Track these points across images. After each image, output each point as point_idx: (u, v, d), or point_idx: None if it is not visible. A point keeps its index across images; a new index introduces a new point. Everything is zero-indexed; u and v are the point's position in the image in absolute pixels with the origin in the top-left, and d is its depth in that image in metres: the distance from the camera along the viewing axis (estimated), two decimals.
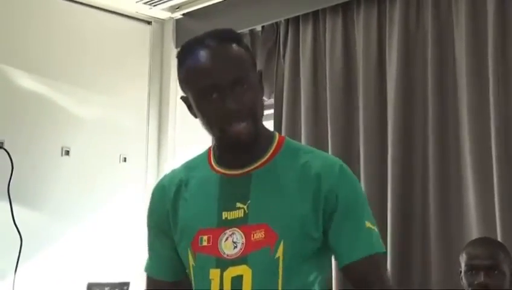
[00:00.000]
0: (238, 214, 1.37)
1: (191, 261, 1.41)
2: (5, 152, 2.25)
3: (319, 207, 1.36)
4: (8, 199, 2.28)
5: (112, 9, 3.91)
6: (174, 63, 4.06)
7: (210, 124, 1.39)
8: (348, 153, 3.26)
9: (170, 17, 4.07)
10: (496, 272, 2.29)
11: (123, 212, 3.79)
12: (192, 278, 1.42)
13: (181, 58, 1.41)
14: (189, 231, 1.41)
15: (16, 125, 3.38)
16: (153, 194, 1.53)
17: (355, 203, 1.40)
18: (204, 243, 1.38)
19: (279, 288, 1.33)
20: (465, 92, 2.91)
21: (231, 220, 1.37)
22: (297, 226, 1.34)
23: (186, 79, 1.40)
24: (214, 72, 1.35)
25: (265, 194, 1.38)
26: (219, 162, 1.45)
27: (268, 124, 3.50)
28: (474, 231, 2.83)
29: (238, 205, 1.38)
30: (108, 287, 3.44)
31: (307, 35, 3.50)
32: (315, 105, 3.44)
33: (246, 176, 1.41)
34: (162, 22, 4.13)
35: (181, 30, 4.03)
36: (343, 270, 1.40)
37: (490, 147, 2.79)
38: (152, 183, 3.87)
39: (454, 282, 2.87)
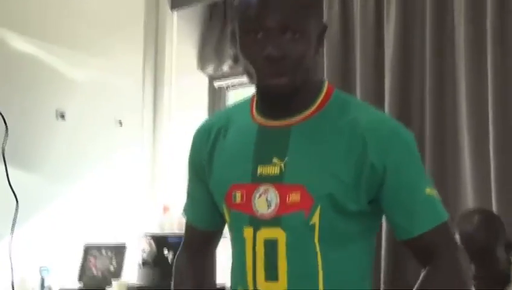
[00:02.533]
0: (273, 170, 1.25)
1: (227, 218, 1.32)
2: None
3: (363, 174, 1.21)
4: (3, 162, 2.25)
5: None
6: (169, 25, 4.09)
7: (250, 66, 1.24)
8: None
9: None
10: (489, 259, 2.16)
11: (120, 175, 3.81)
12: (230, 237, 1.33)
13: None
14: (223, 185, 1.31)
15: (10, 88, 3.35)
16: (194, 138, 1.42)
17: (408, 170, 1.23)
18: (238, 200, 1.27)
19: (319, 259, 1.22)
20: (463, 56, 2.93)
21: (266, 176, 1.25)
22: (337, 192, 1.21)
23: (237, 7, 1.26)
24: (264, 9, 1.20)
25: (305, 152, 1.24)
26: (260, 111, 1.31)
27: None
28: (469, 193, 2.86)
29: (275, 160, 1.25)
30: (105, 249, 3.51)
31: None
32: None
33: (285, 128, 1.27)
34: None
35: None
36: (406, 244, 1.26)
37: (487, 110, 2.79)
38: (148, 146, 4.00)
39: None
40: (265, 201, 1.24)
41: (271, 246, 1.23)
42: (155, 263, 3.41)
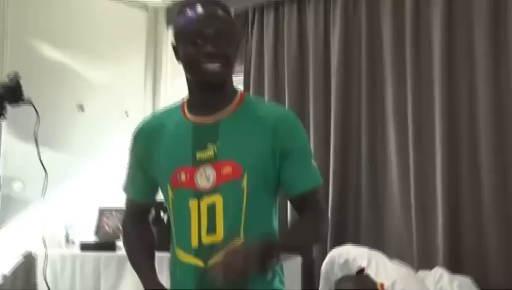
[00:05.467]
0: (209, 153, 1.27)
1: (170, 195, 1.30)
2: (32, 107, 2.18)
3: (276, 147, 1.27)
4: (35, 143, 2.23)
5: None
6: (165, 39, 4.08)
7: (191, 64, 1.27)
8: (300, 108, 3.20)
9: (162, 5, 3.97)
10: None
11: (126, 154, 3.71)
12: (171, 210, 1.31)
13: (177, 13, 1.32)
14: (168, 168, 1.30)
15: (41, 86, 3.23)
16: (135, 135, 1.40)
17: (304, 147, 1.32)
18: (183, 179, 1.28)
19: (243, 212, 1.25)
20: (390, 63, 2.92)
21: (203, 159, 1.27)
22: (259, 162, 1.26)
23: (178, 27, 1.30)
24: (201, 22, 1.26)
25: (232, 137, 1.28)
26: (191, 111, 1.32)
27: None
28: (394, 174, 2.87)
29: (209, 146, 1.27)
30: (115, 211, 3.41)
31: (269, 20, 3.44)
32: (276, 75, 3.39)
33: (214, 123, 1.29)
34: (156, 9, 4.02)
35: (171, 15, 3.94)
36: (293, 199, 1.33)
37: (407, 116, 2.81)
38: None
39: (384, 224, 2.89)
40: (205, 177, 1.26)
41: (212, 208, 1.25)
42: (153, 223, 3.25)
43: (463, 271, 2.56)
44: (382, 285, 2.32)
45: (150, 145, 1.34)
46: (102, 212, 3.43)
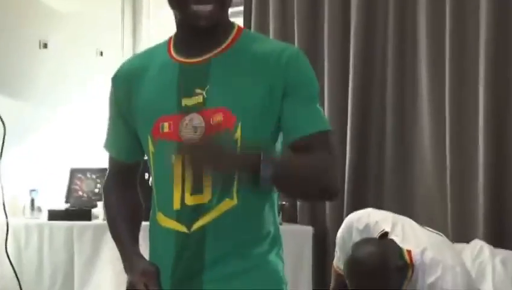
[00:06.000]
0: (197, 99, 1.21)
1: (151, 148, 1.25)
2: None
3: (278, 88, 1.20)
4: None
5: None
6: None
7: (175, 1, 1.21)
8: (313, 45, 3.07)
9: None
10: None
11: (101, 102, 3.53)
12: (152, 166, 1.25)
13: None
14: (150, 118, 1.23)
15: None
16: (114, 80, 1.32)
17: (309, 87, 1.24)
18: (166, 130, 1.23)
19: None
20: (424, 16, 2.73)
21: (191, 106, 1.21)
22: (256, 109, 1.19)
23: None
24: None
25: (224, 79, 1.21)
26: (178, 50, 1.25)
27: (238, 21, 3.31)
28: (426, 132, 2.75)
29: (197, 90, 1.21)
30: (89, 173, 3.30)
31: None
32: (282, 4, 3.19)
33: (206, 63, 1.23)
34: None
35: None
36: (293, 145, 1.22)
37: (444, 51, 2.66)
38: None
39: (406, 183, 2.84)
40: (192, 127, 1.20)
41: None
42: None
43: (507, 245, 2.49)
44: (409, 252, 2.19)
45: (130, 91, 1.28)
46: (74, 174, 3.31)
